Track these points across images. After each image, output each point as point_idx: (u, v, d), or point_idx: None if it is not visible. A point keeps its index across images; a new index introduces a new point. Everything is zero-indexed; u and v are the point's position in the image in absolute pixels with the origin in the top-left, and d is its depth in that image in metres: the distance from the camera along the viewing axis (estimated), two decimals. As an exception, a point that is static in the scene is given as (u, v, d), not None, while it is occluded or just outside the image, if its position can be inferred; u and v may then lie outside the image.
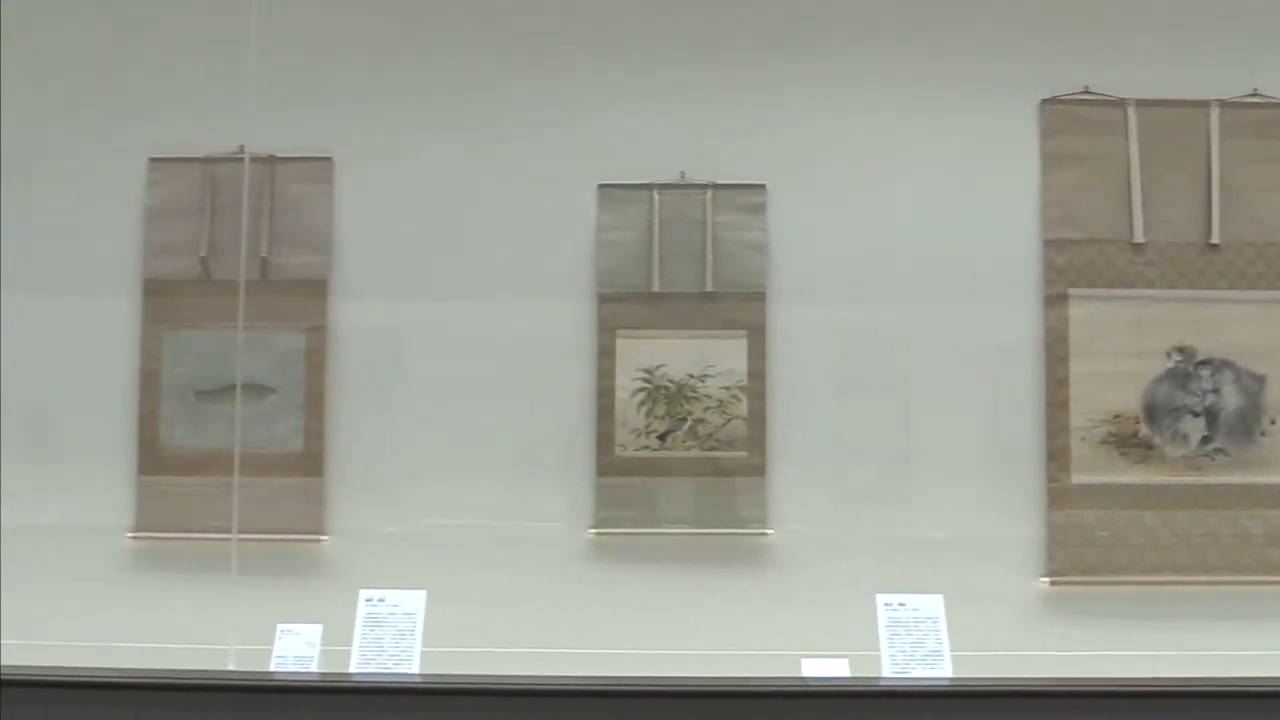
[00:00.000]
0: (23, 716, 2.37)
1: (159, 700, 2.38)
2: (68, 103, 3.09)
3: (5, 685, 2.37)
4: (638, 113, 3.01)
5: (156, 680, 2.40)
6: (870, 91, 3.03)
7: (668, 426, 2.91)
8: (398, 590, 2.63)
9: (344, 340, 2.97)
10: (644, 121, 3.01)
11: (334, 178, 3.01)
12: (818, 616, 2.81)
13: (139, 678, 2.41)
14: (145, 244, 3.01)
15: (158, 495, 2.95)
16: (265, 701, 2.39)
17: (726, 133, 3.01)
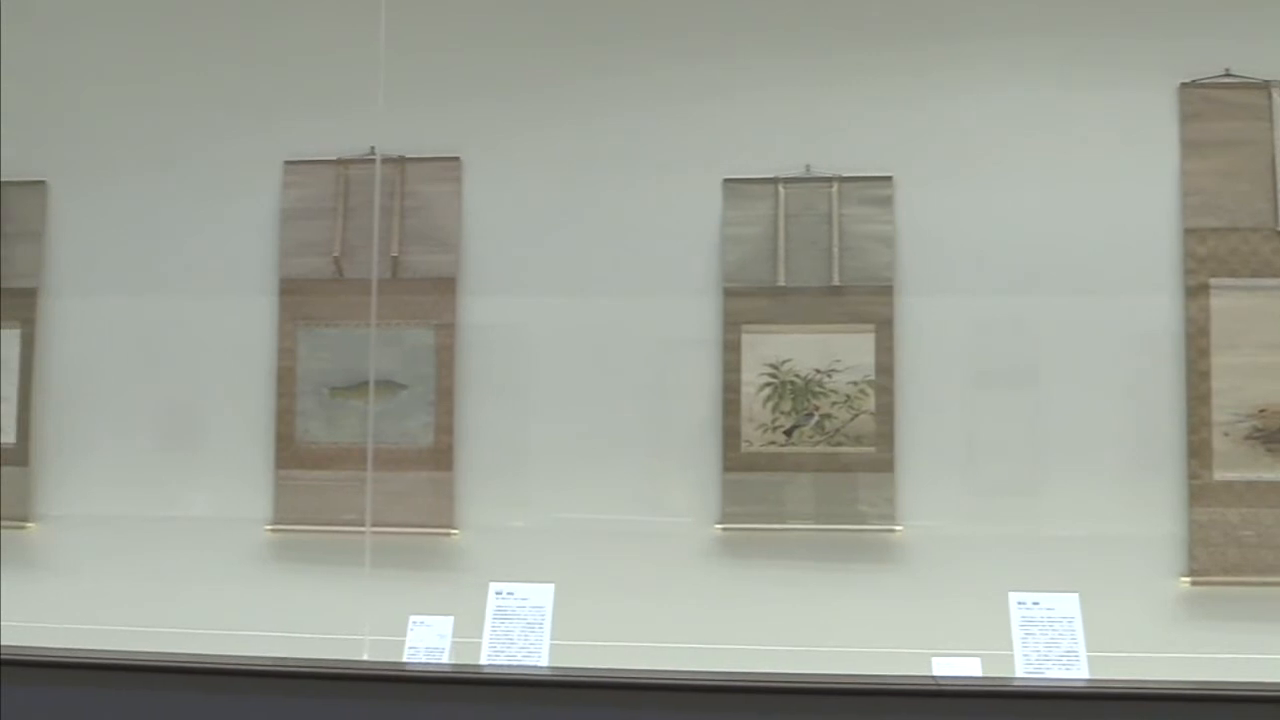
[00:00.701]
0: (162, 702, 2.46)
1: (298, 688, 2.44)
2: (206, 109, 3.18)
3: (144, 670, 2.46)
4: (762, 106, 2.99)
5: (296, 669, 2.47)
6: (1000, 77, 2.95)
7: (794, 422, 2.89)
8: (527, 584, 2.66)
9: (473, 336, 3.01)
10: (769, 115, 2.99)
11: (462, 176, 3.05)
12: (948, 614, 2.75)
13: (279, 666, 2.48)
14: (281, 244, 3.09)
15: (294, 489, 3.03)
16: (399, 691, 2.43)
17: (852, 124, 2.96)
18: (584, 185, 3.02)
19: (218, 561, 3.06)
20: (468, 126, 3.07)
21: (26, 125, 3.28)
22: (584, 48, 3.06)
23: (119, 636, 2.77)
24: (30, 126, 3.28)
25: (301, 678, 2.46)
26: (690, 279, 2.97)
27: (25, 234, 3.24)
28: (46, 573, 3.16)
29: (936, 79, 2.96)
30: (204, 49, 3.21)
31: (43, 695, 2.49)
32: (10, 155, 3.25)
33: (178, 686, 2.48)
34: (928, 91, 2.96)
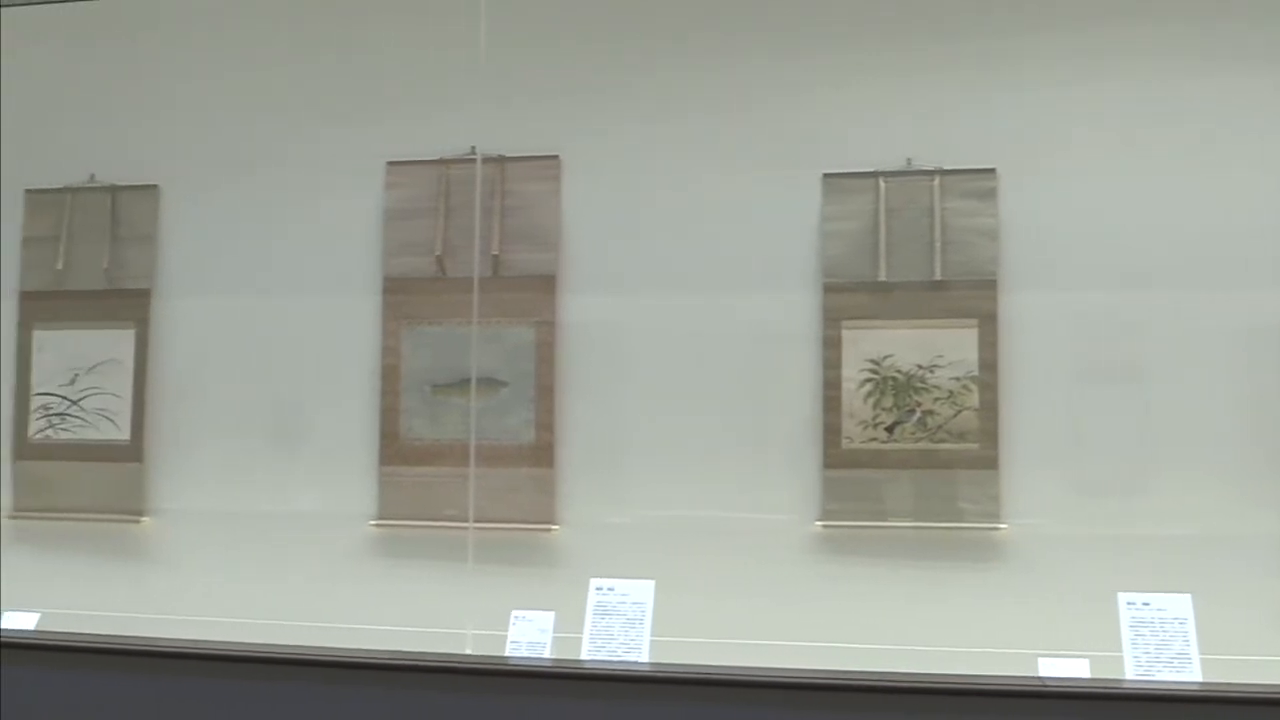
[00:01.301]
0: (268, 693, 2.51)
1: (402, 681, 2.48)
2: (311, 112, 3.24)
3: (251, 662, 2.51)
4: (862, 100, 2.96)
5: (400, 663, 2.50)
6: (1106, 66, 2.88)
7: (896, 418, 2.86)
8: (627, 580, 2.67)
9: (573, 334, 3.02)
10: (869, 108, 2.96)
11: (561, 175, 3.07)
12: (1055, 615, 2.70)
13: (384, 659, 2.51)
14: (385, 244, 3.14)
15: (398, 485, 3.07)
16: (501, 685, 2.46)
17: (954, 117, 2.92)
18: (683, 181, 3.01)
19: (324, 556, 3.11)
20: (567, 125, 3.08)
21: (139, 132, 3.38)
22: (682, 43, 3.06)
23: (227, 628, 2.84)
24: (142, 133, 3.38)
25: (406, 671, 2.50)
26: (790, 275, 2.94)
27: (138, 237, 3.32)
28: (159, 565, 3.25)
29: (1040, 69, 2.90)
30: (308, 53, 3.27)
31: (154, 685, 2.56)
32: (124, 161, 3.35)
33: (284, 678, 2.53)
34: (1032, 81, 2.90)
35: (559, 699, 2.44)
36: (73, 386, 3.31)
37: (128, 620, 2.98)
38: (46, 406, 3.33)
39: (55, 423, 3.32)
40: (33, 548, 3.34)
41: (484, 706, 2.45)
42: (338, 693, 2.50)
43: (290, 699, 2.53)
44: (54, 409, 3.32)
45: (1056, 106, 2.89)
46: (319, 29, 3.27)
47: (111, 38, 3.39)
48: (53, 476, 3.31)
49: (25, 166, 3.43)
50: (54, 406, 3.32)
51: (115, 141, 3.38)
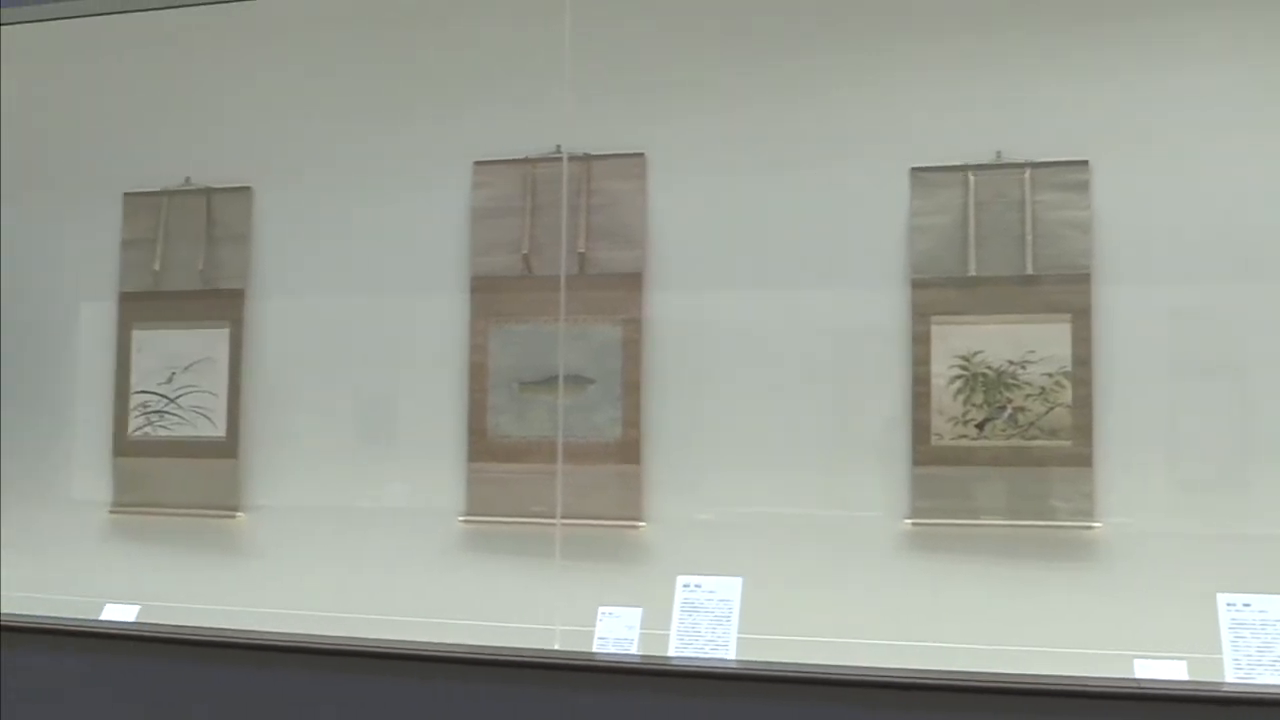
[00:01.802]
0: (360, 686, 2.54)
1: (491, 675, 2.50)
2: (399, 112, 3.28)
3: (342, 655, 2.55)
4: (950, 92, 2.91)
5: (489, 657, 2.52)
6: (1201, 53, 2.80)
7: (986, 415, 2.81)
8: (714, 577, 2.67)
9: (659, 331, 3.02)
10: (956, 101, 2.91)
11: (646, 173, 3.07)
12: (1151, 615, 2.64)
13: (473, 654, 2.54)
14: (472, 243, 3.16)
15: (485, 482, 3.09)
16: (589, 681, 2.47)
17: (1045, 107, 2.85)
18: (768, 177, 2.99)
19: (413, 551, 3.15)
20: (652, 122, 3.08)
21: (232, 135, 3.45)
22: (767, 38, 3.04)
23: (318, 622, 2.89)
24: (235, 136, 3.44)
25: (495, 666, 2.52)
26: (877, 270, 2.91)
27: (232, 238, 3.39)
28: (253, 560, 3.31)
29: (1134, 57, 2.83)
30: (396, 54, 3.31)
31: (249, 676, 2.61)
32: (218, 163, 3.42)
33: (374, 671, 2.56)
34: (1125, 70, 2.83)
35: (646, 695, 2.44)
36: (170, 385, 3.39)
37: (223, 613, 3.05)
38: (145, 404, 3.41)
39: (154, 420, 3.40)
40: (132, 542, 3.42)
41: (572, 702, 2.46)
42: (427, 687, 2.53)
43: (380, 692, 2.56)
44: (152, 407, 3.40)
45: (1151, 95, 2.82)
46: (406, 31, 3.30)
47: (206, 44, 3.46)
48: (151, 473, 3.39)
49: (123, 170, 3.52)
50: (152, 404, 3.40)
51: (209, 144, 3.46)
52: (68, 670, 2.73)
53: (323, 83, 3.37)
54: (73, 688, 2.71)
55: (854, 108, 2.97)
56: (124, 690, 2.67)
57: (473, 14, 3.26)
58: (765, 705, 2.41)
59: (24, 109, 3.67)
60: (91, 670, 2.72)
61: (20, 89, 3.67)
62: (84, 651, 2.74)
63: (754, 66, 3.05)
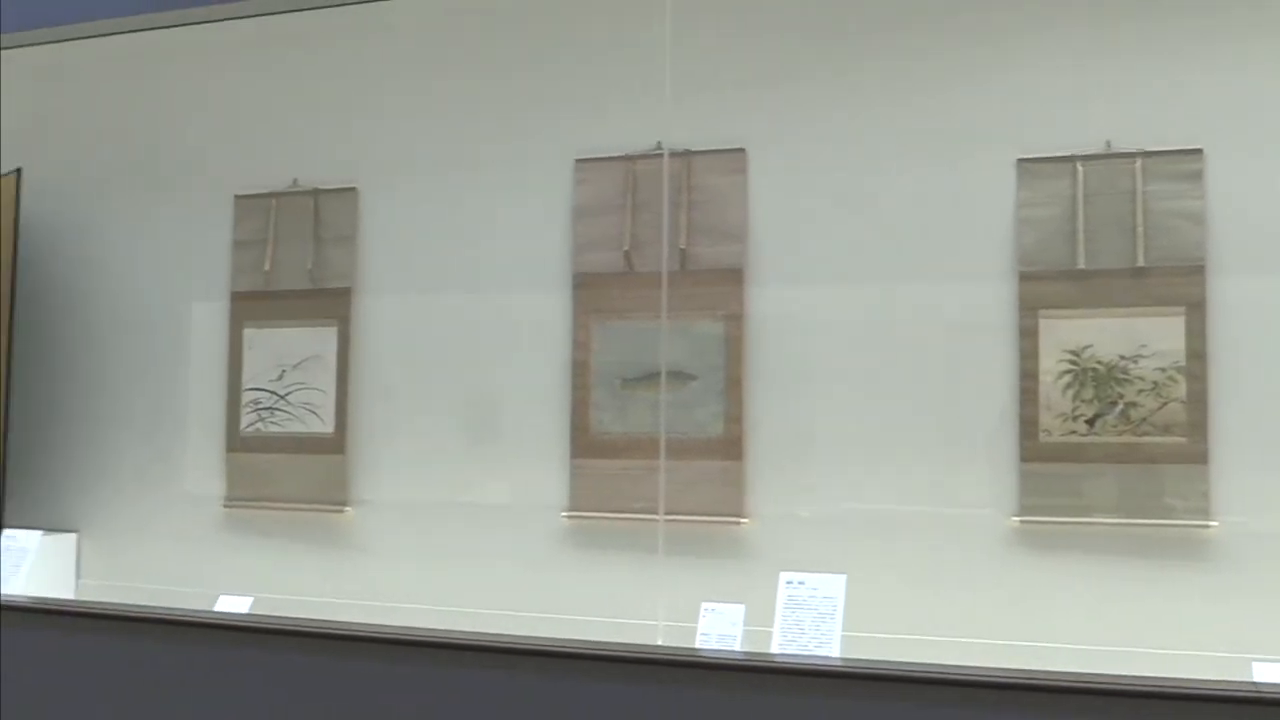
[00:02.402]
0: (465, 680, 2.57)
1: (594, 670, 2.51)
2: (501, 111, 3.31)
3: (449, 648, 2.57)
4: (1057, 80, 2.85)
5: (592, 652, 2.53)
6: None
7: (1096, 411, 2.75)
8: (818, 573, 2.65)
9: (761, 326, 3.01)
10: (1064, 89, 2.85)
11: (747, 167, 3.06)
12: (1269, 617, 2.57)
13: (577, 649, 2.55)
14: (574, 240, 3.18)
15: (588, 477, 3.11)
16: (692, 677, 2.46)
17: (1156, 95, 2.78)
18: (870, 170, 2.96)
19: (517, 546, 3.17)
20: (752, 117, 3.06)
21: (338, 137, 3.51)
22: (868, 29, 3.01)
23: (424, 616, 2.92)
24: (341, 138, 3.50)
25: (598, 660, 2.52)
26: (983, 263, 2.86)
27: (339, 238, 3.45)
28: (360, 554, 3.37)
29: (1248, 41, 2.74)
30: (497, 54, 3.33)
31: (356, 668, 2.65)
32: (325, 165, 3.48)
33: (478, 665, 2.59)
34: (1239, 55, 2.74)
35: (749, 692, 2.43)
36: (280, 382, 3.47)
37: (333, 606, 3.11)
38: (256, 401, 3.49)
39: (264, 416, 3.47)
40: (245, 535, 3.51)
41: (675, 698, 2.46)
42: (529, 681, 2.55)
43: (483, 686, 2.58)
44: (263, 403, 3.48)
45: (1265, 80, 2.72)
46: (507, 31, 3.33)
47: (311, 48, 3.53)
48: (263, 468, 3.47)
49: (234, 173, 3.60)
50: (263, 401, 3.48)
51: (316, 147, 3.52)
52: (185, 660, 2.80)
53: (426, 84, 3.41)
54: (190, 677, 2.78)
55: (959, 99, 2.93)
56: (237, 680, 2.74)
57: (573, 12, 3.28)
58: (870, 704, 2.38)
59: (140, 115, 3.78)
60: (207, 660, 2.79)
61: (135, 96, 3.78)
62: (200, 642, 2.80)
63: (855, 58, 3.01)
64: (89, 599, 3.46)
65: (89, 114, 3.86)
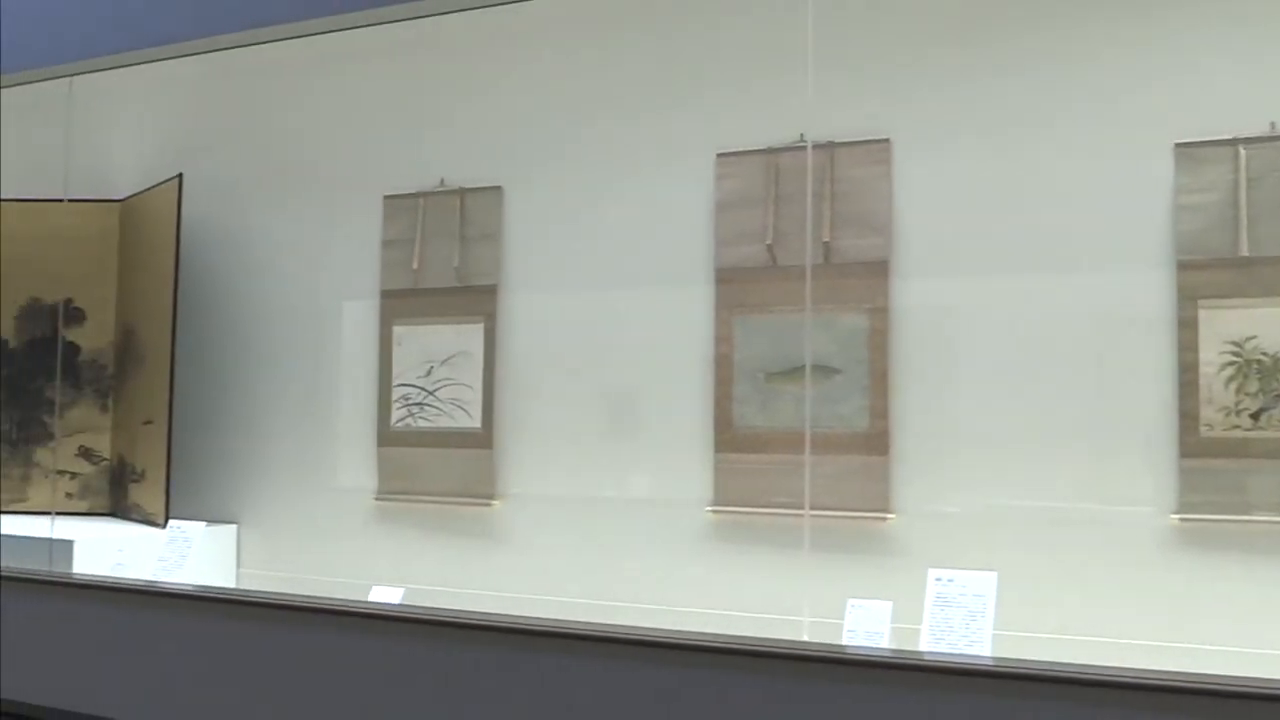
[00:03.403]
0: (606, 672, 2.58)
1: (739, 665, 2.50)
2: (642, 107, 3.32)
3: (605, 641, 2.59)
4: (1215, 59, 2.74)
5: (737, 647, 2.52)
6: None
7: (1262, 404, 2.64)
8: (967, 571, 2.60)
9: (907, 319, 2.96)
10: (1223, 69, 2.73)
11: (891, 158, 3.02)
12: None
13: (722, 643, 2.54)
14: (716, 235, 3.17)
15: (732, 472, 3.10)
16: (838, 674, 2.44)
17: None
18: (1019, 157, 2.88)
19: (661, 541, 3.19)
20: (896, 106, 3.02)
21: (482, 136, 3.56)
22: (1013, 11, 2.93)
23: (570, 609, 2.95)
24: (485, 137, 3.56)
25: (743, 655, 2.51)
26: (1138, 252, 2.76)
27: (484, 236, 3.51)
28: (507, 547, 3.42)
29: None
30: (637, 49, 3.35)
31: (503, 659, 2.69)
32: (470, 165, 3.54)
33: (623, 658, 2.60)
34: None
35: (897, 690, 2.39)
36: (429, 378, 3.54)
37: (481, 598, 3.16)
38: (406, 397, 3.57)
39: (414, 412, 3.55)
40: (395, 528, 3.59)
41: (821, 695, 2.44)
42: (674, 674, 2.55)
43: (627, 679, 2.59)
44: (412, 399, 3.55)
45: None
46: (647, 26, 3.34)
47: (456, 52, 3.59)
48: (412, 462, 3.55)
49: (382, 174, 3.69)
50: (412, 396, 3.55)
51: (461, 146, 3.58)
52: (339, 648, 2.87)
53: (568, 82, 3.44)
54: (345, 666, 2.85)
55: (1111, 82, 2.83)
56: (390, 670, 2.80)
57: (714, 6, 3.27)
58: (1022, 704, 2.33)
59: (293, 120, 3.90)
60: (361, 650, 2.86)
61: (288, 102, 3.90)
62: (352, 632, 2.87)
63: (1002, 42, 2.94)
64: (249, 588, 3.58)
65: (245, 120, 4.00)
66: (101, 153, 4.24)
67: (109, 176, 4.20)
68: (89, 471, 4.11)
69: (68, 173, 4.11)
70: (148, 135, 4.22)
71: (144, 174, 4.07)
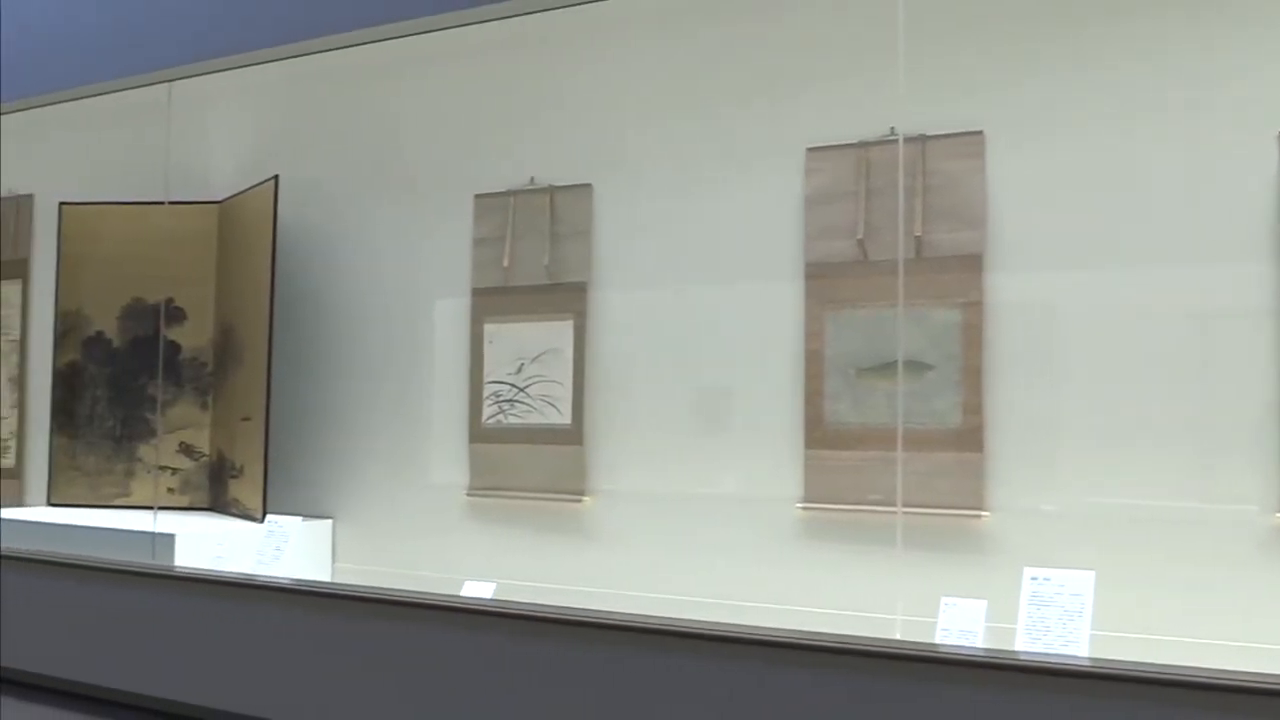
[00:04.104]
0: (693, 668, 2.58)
1: (831, 663, 2.48)
2: (730, 103, 3.31)
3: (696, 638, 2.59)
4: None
5: (829, 645, 2.51)
6: None
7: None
8: (1064, 570, 2.56)
9: (1001, 314, 2.92)
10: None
11: (985, 151, 2.97)
12: None
13: (813, 641, 2.53)
14: (806, 230, 3.15)
15: (823, 468, 3.08)
16: (932, 673, 2.41)
17: None
18: (1116, 148, 2.81)
19: (751, 537, 3.18)
20: (989, 97, 2.97)
21: (571, 134, 3.58)
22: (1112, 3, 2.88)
23: (660, 605, 2.95)
24: (574, 135, 3.57)
25: (834, 653, 2.50)
26: (1242, 244, 2.68)
27: (575, 234, 3.52)
28: (598, 543, 3.43)
29: None
30: (725, 44, 3.33)
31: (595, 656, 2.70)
32: (559, 163, 3.56)
33: (715, 655, 2.59)
34: None
35: (991, 690, 2.36)
36: (519, 375, 3.56)
37: (573, 593, 3.18)
38: (497, 394, 3.60)
39: (505, 408, 3.58)
40: (487, 523, 3.63)
41: (914, 694, 2.41)
42: (763, 672, 2.54)
43: (716, 676, 2.59)
44: (503, 396, 3.58)
45: None
46: (736, 21, 3.32)
47: (544, 50, 3.61)
48: (503, 458, 3.58)
49: (473, 173, 3.72)
50: (503, 394, 3.58)
51: (551, 145, 3.60)
52: (432, 643, 2.91)
53: (656, 78, 3.44)
54: (435, 660, 2.89)
55: (1209, 70, 2.76)
56: (482, 665, 2.82)
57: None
58: (1119, 706, 2.28)
59: (385, 120, 3.95)
60: (454, 645, 2.89)
61: (379, 102, 3.95)
62: (446, 625, 2.90)
63: (1097, 29, 2.87)
64: (344, 582, 3.63)
65: (338, 122, 4.06)
66: (200, 155, 4.34)
67: (207, 178, 4.30)
68: (189, 467, 4.21)
69: (168, 175, 4.21)
70: (244, 137, 4.30)
71: (241, 175, 4.16)
